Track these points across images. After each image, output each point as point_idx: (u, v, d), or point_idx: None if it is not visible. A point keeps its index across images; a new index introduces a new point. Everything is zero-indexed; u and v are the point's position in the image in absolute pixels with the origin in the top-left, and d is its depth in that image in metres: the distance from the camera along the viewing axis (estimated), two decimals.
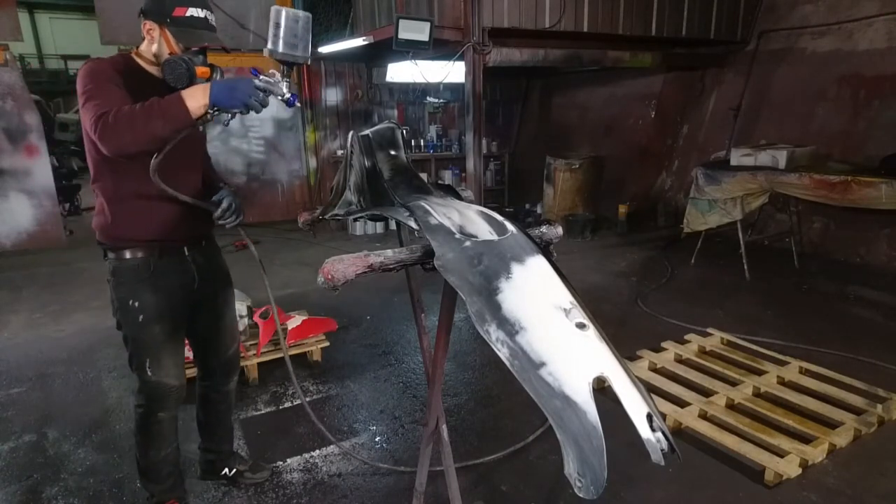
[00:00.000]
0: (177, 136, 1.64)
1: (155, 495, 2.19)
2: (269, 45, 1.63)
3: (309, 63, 1.72)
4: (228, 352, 2.29)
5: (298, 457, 2.67)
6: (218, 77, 1.82)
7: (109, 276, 1.99)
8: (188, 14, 1.78)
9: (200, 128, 1.70)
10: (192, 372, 2.35)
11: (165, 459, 2.15)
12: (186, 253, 2.03)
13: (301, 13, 1.63)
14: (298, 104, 1.73)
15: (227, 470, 2.45)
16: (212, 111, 1.64)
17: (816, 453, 2.51)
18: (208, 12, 1.83)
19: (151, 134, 1.60)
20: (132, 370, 2.03)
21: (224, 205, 1.96)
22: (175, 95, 1.62)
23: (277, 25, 1.60)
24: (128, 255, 1.93)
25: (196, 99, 1.61)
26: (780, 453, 2.51)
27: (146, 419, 2.06)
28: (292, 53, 1.63)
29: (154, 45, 1.82)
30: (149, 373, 1.99)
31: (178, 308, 2.04)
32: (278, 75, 1.69)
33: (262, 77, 1.66)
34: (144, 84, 1.80)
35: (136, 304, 1.95)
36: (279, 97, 1.68)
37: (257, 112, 1.65)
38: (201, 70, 1.78)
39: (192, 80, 1.74)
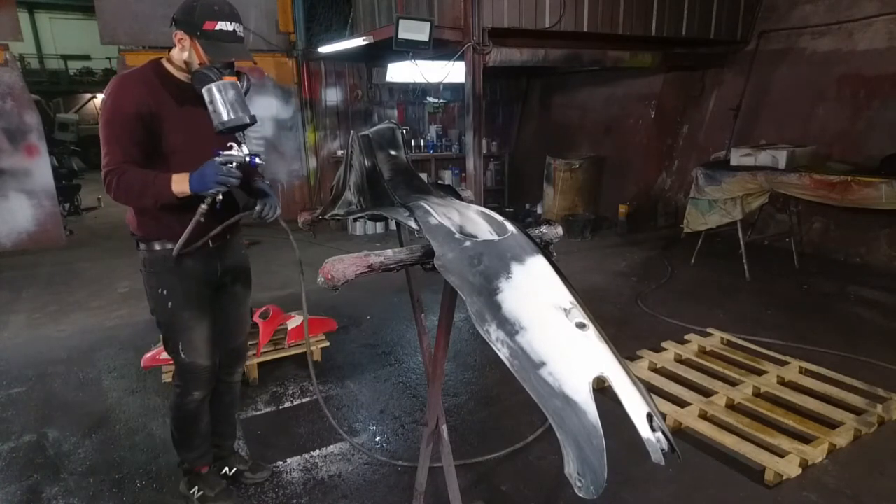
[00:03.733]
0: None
1: (187, 462, 2.33)
2: (216, 122, 1.78)
3: (255, 122, 1.84)
4: (236, 341, 2.35)
5: (298, 457, 2.67)
6: (244, 85, 1.93)
7: (141, 265, 2.11)
8: (217, 28, 1.83)
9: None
10: None
11: (198, 433, 2.28)
12: (211, 245, 2.11)
13: (230, 84, 1.79)
14: (260, 161, 1.88)
15: (227, 469, 2.47)
16: (199, 192, 1.81)
17: (816, 453, 2.51)
18: (237, 24, 1.88)
19: (143, 205, 1.89)
20: (168, 353, 2.18)
21: (258, 207, 2.05)
22: (167, 180, 1.82)
23: (212, 102, 1.77)
24: (157, 246, 2.05)
25: (180, 185, 1.82)
26: (780, 453, 2.51)
27: (183, 398, 2.19)
28: (235, 119, 1.77)
29: (185, 53, 1.90)
30: (182, 355, 2.12)
31: (204, 295, 2.15)
32: (235, 145, 1.81)
33: (221, 154, 1.79)
34: (173, 90, 1.94)
35: (166, 292, 2.07)
36: (241, 162, 1.80)
37: (234, 185, 1.79)
38: (228, 80, 1.86)
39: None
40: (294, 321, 3.56)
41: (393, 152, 1.94)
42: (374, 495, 2.40)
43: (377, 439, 2.81)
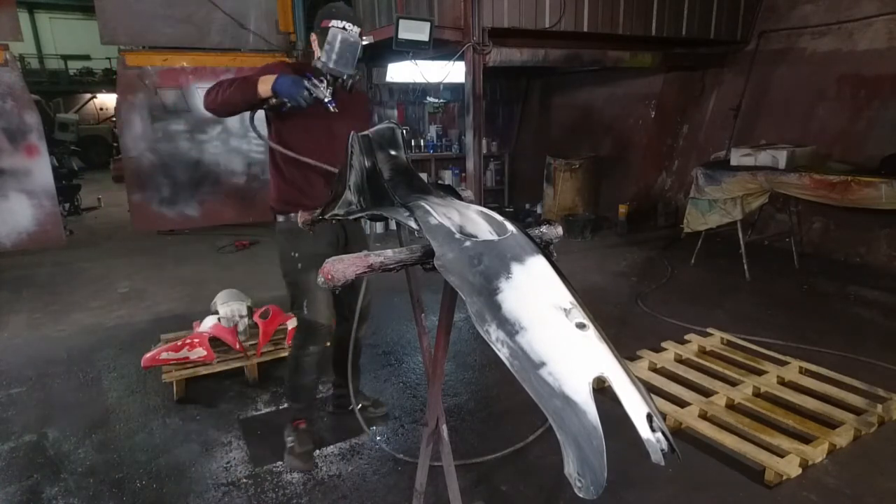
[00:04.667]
0: (247, 105, 2.24)
1: (293, 410, 2.68)
2: (323, 58, 2.14)
3: (351, 79, 2.19)
4: (360, 303, 2.60)
5: None
6: (350, 80, 2.25)
7: (277, 233, 2.52)
8: (331, 25, 2.24)
9: (331, 107, 2.22)
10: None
11: (306, 386, 2.60)
12: (334, 222, 2.42)
13: (353, 38, 2.12)
14: (334, 109, 2.21)
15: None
16: (276, 97, 2.15)
17: (816, 453, 2.51)
18: (348, 23, 2.25)
19: (227, 98, 2.22)
20: (292, 311, 2.57)
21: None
22: (255, 77, 2.19)
23: (331, 45, 2.12)
24: (293, 217, 2.41)
25: (265, 84, 2.15)
26: (780, 453, 2.51)
27: (300, 350, 2.53)
28: (338, 69, 2.14)
29: (316, 52, 2.30)
30: (305, 311, 2.47)
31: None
32: (325, 83, 2.17)
33: (312, 80, 2.15)
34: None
35: (297, 254, 2.43)
36: (321, 98, 2.15)
37: (301, 106, 2.13)
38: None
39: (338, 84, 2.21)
40: (294, 321, 3.55)
41: (393, 152, 1.94)
42: (374, 495, 2.40)
43: (377, 439, 2.81)
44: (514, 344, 1.08)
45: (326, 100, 2.13)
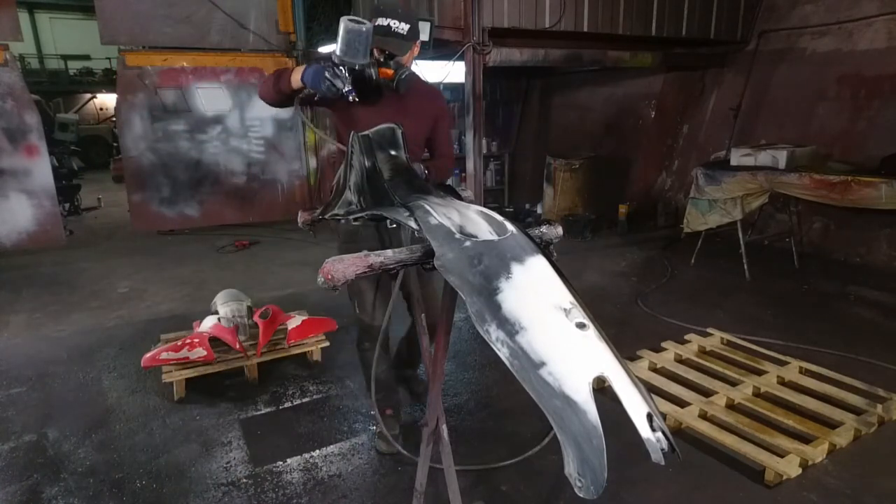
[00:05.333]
0: (282, 94, 2.32)
1: (374, 402, 2.71)
2: (336, 50, 2.09)
3: (364, 67, 2.12)
4: (429, 319, 2.51)
5: (298, 457, 2.67)
6: (399, 74, 2.24)
7: (337, 233, 2.63)
8: (377, 23, 2.24)
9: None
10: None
11: (377, 377, 2.56)
12: (388, 226, 2.39)
13: (357, 28, 2.04)
14: (352, 99, 2.17)
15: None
16: (307, 86, 2.19)
17: (816, 453, 2.51)
18: (394, 21, 2.25)
19: (268, 87, 2.34)
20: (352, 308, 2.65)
21: None
22: (291, 69, 2.27)
23: (339, 36, 2.07)
24: (343, 221, 2.38)
25: (297, 73, 2.22)
26: (780, 453, 2.51)
27: (359, 346, 2.70)
28: (347, 59, 2.09)
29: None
30: (356, 311, 2.60)
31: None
32: (345, 73, 2.12)
33: (334, 70, 2.13)
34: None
35: None
36: (339, 88, 2.11)
37: (325, 95, 2.14)
38: (384, 71, 2.22)
39: (369, 78, 2.18)
40: (294, 321, 3.56)
41: (393, 152, 1.95)
42: (374, 495, 2.40)
43: (378, 439, 2.81)
44: (514, 344, 1.08)
45: (345, 90, 2.13)
